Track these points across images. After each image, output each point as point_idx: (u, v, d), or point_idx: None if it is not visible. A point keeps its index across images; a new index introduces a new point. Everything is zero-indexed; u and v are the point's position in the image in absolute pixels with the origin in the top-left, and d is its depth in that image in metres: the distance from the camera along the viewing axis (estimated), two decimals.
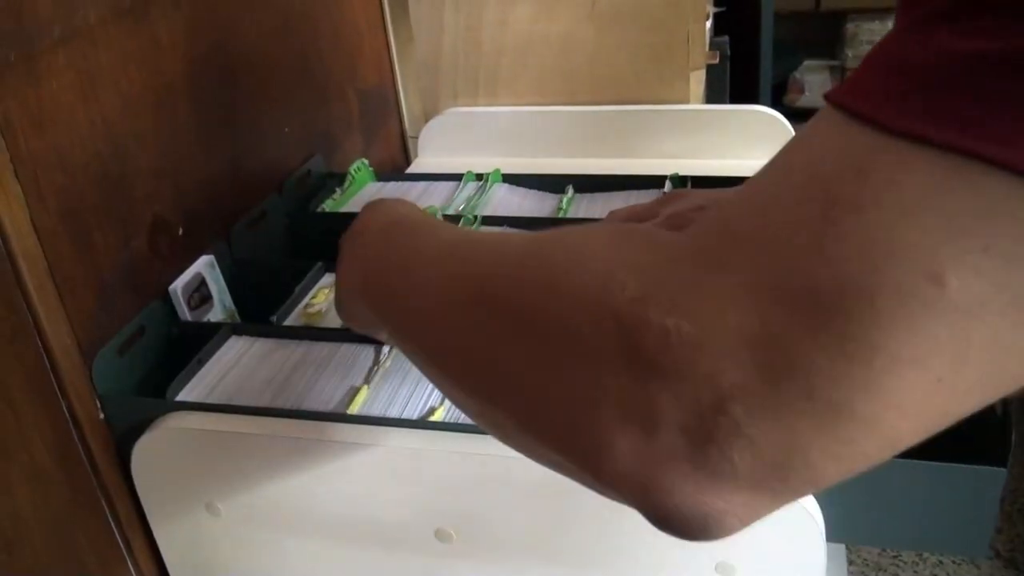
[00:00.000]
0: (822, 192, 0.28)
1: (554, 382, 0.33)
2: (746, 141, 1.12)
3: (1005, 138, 0.25)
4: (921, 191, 0.26)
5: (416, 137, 1.25)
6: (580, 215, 0.98)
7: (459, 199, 1.02)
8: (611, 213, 0.77)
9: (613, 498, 0.33)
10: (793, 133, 1.11)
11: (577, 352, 0.32)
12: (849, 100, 0.29)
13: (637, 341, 0.30)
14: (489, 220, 0.94)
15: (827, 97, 0.30)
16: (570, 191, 1.02)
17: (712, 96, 1.31)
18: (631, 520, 0.51)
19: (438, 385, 0.45)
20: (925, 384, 0.27)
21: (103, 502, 0.72)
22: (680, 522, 0.31)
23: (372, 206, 0.59)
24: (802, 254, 0.28)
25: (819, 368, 0.27)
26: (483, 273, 0.39)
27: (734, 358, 0.28)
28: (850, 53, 3.67)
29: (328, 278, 0.87)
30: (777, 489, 0.30)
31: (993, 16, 0.26)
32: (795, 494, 0.30)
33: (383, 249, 0.52)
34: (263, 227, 0.94)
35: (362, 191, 1.07)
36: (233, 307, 0.87)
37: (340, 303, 0.59)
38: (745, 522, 0.31)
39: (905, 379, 0.27)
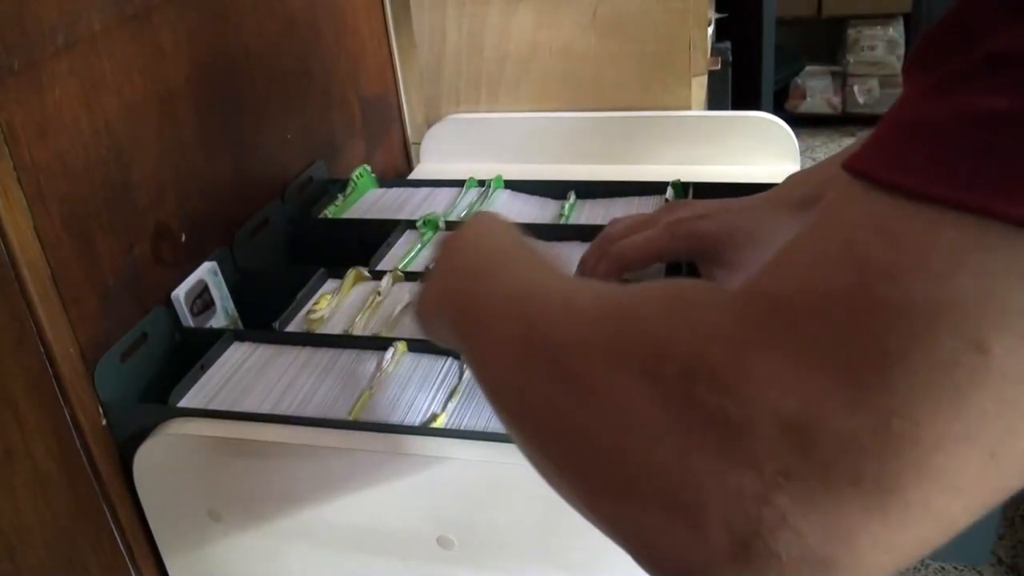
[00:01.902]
0: (856, 262, 0.27)
1: (602, 451, 0.33)
2: (748, 147, 1.12)
3: None
4: (956, 256, 0.25)
5: (418, 143, 1.26)
6: (582, 221, 0.98)
7: (461, 205, 1.02)
8: (613, 220, 0.77)
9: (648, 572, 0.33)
10: (794, 139, 1.11)
11: (625, 426, 0.31)
12: (872, 168, 0.28)
13: (681, 422, 0.29)
14: None
15: (846, 168, 0.29)
16: (572, 197, 1.02)
17: (714, 102, 1.31)
18: None
19: (498, 416, 0.44)
20: (977, 460, 0.26)
21: (105, 508, 0.72)
22: None
23: (480, 221, 0.58)
24: (840, 328, 0.27)
25: (864, 449, 0.26)
26: (548, 323, 0.38)
27: (776, 442, 0.27)
28: (851, 59, 3.68)
29: (330, 284, 0.87)
30: None
31: (1015, 75, 0.25)
32: None
33: (472, 270, 0.51)
34: (265, 233, 0.94)
35: (364, 197, 1.07)
36: (235, 313, 0.87)
37: (422, 306, 0.58)
38: None
39: (956, 456, 0.26)
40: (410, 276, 0.86)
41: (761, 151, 1.11)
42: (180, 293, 0.79)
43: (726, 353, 0.29)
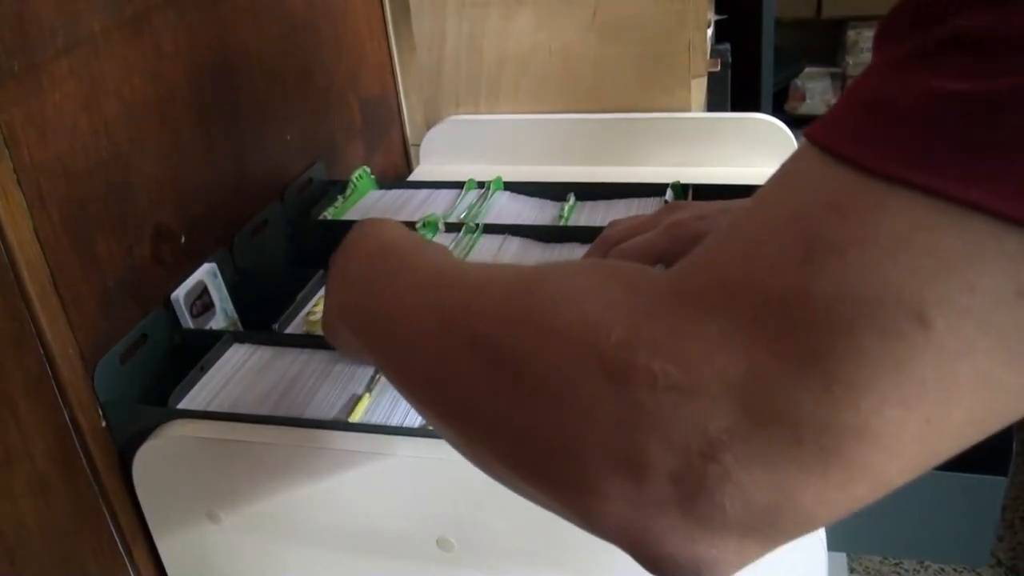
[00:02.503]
0: (803, 233, 0.28)
1: (540, 425, 0.33)
2: (747, 149, 1.12)
3: (987, 182, 0.25)
4: (904, 232, 0.26)
5: (418, 145, 1.26)
6: (582, 223, 0.99)
7: (461, 207, 1.02)
8: (611, 223, 0.77)
9: (602, 539, 0.33)
10: (794, 141, 1.11)
11: (563, 395, 0.32)
12: (829, 140, 0.29)
13: (624, 386, 0.30)
14: (491, 228, 0.95)
15: (807, 135, 0.30)
16: (572, 199, 1.02)
17: (714, 104, 1.31)
18: None
19: (423, 416, 0.45)
20: (914, 426, 0.27)
21: (105, 510, 0.72)
22: (672, 569, 0.31)
23: (361, 228, 0.58)
24: (785, 297, 0.28)
25: (807, 413, 0.27)
26: (467, 307, 0.39)
27: (722, 403, 0.28)
28: (851, 60, 3.68)
29: None
30: (768, 534, 0.30)
31: (974, 57, 0.26)
32: (787, 537, 0.30)
33: (368, 275, 0.51)
34: (265, 235, 0.94)
35: (364, 199, 1.07)
36: (235, 315, 0.87)
37: (327, 326, 0.59)
38: (737, 566, 0.31)
39: (893, 421, 0.27)
40: None
41: (760, 153, 1.11)
42: (180, 294, 0.79)
43: (670, 322, 0.30)
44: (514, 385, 0.34)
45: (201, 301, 0.82)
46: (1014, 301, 0.25)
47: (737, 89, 1.82)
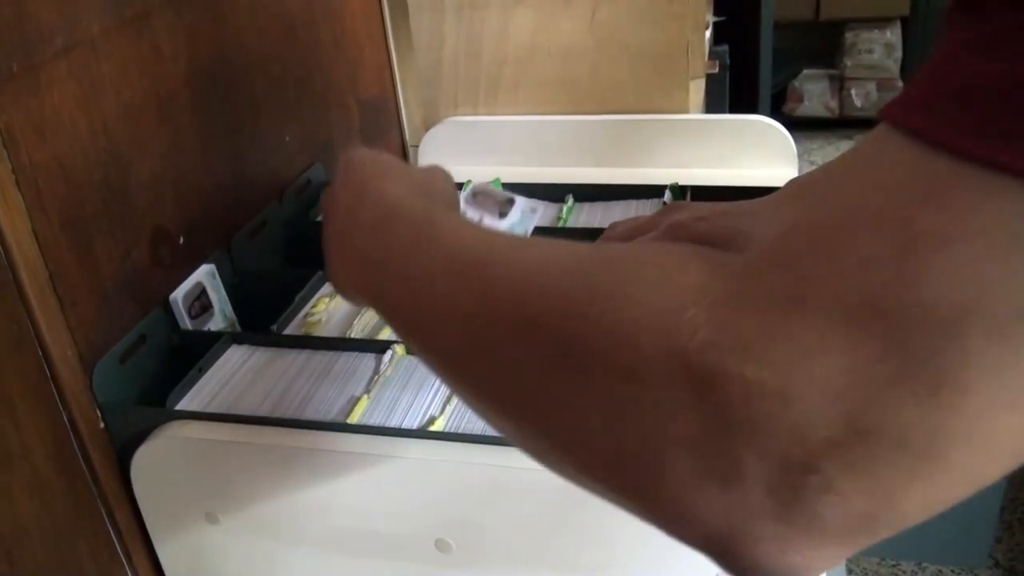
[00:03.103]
0: (897, 227, 0.26)
1: (617, 426, 0.31)
2: (745, 151, 1.12)
3: None
4: (1011, 225, 0.24)
5: (417, 146, 1.26)
6: (580, 224, 0.99)
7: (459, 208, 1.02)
8: (612, 224, 0.77)
9: (685, 544, 0.31)
10: (792, 142, 1.11)
11: (644, 397, 0.30)
12: (919, 123, 0.27)
13: (714, 393, 0.28)
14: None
15: (888, 118, 0.28)
16: (570, 200, 1.02)
17: (712, 105, 1.31)
18: (630, 529, 0.51)
19: (464, 399, 0.41)
20: (1018, 427, 0.26)
21: (103, 511, 0.72)
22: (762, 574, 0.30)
23: (349, 187, 0.51)
24: (881, 296, 0.26)
25: (911, 417, 0.26)
26: (523, 294, 0.35)
27: (822, 411, 0.26)
28: (849, 62, 3.68)
29: (328, 287, 0.87)
30: (863, 539, 0.28)
31: None
32: (880, 539, 0.29)
33: (377, 251, 0.46)
34: (263, 236, 0.94)
35: None
36: (233, 316, 0.87)
37: (338, 289, 0.53)
38: (825, 569, 0.30)
39: (998, 423, 0.26)
40: None
41: (758, 154, 1.11)
42: (178, 295, 0.79)
43: (759, 322, 0.28)
44: (583, 383, 0.31)
45: (200, 302, 0.82)
46: None
47: (735, 91, 1.83)
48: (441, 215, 0.45)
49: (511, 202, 1.03)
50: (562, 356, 0.32)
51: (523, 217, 1.02)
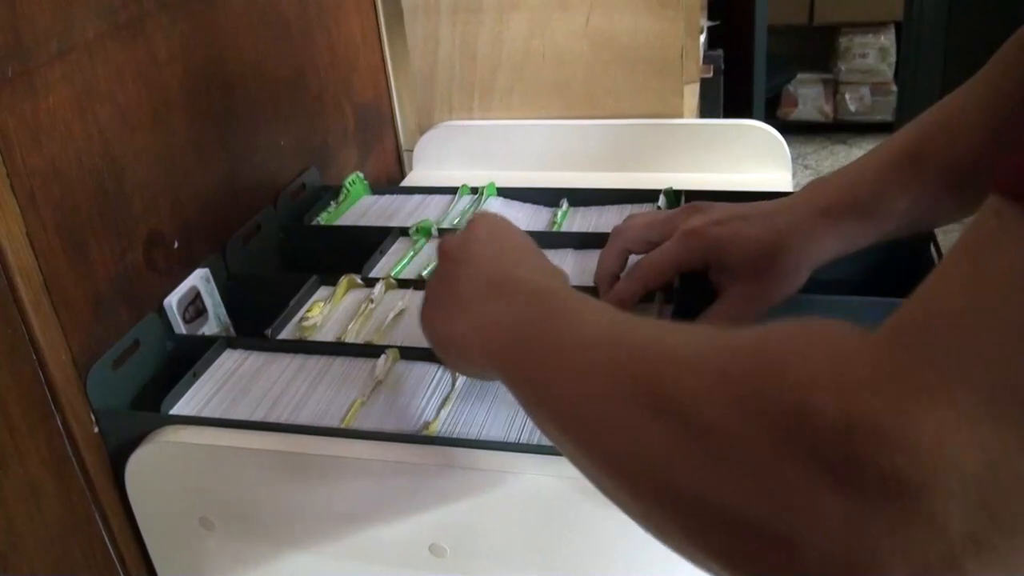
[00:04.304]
0: None
1: (741, 509, 0.30)
2: (740, 155, 1.12)
3: None
4: None
5: (411, 150, 1.26)
6: (575, 229, 0.99)
7: (454, 213, 1.03)
8: (628, 216, 0.76)
9: None
10: (786, 147, 1.11)
11: (773, 485, 0.29)
12: None
13: (845, 482, 0.27)
14: None
15: (1007, 190, 0.27)
16: (565, 204, 1.02)
17: (706, 110, 1.32)
18: (626, 534, 0.51)
19: (555, 441, 0.42)
20: None
21: (97, 516, 0.72)
22: None
23: (484, 227, 0.56)
24: (1022, 372, 0.25)
25: None
26: (655, 373, 0.35)
27: (964, 501, 0.25)
28: (843, 67, 3.69)
29: (322, 291, 0.87)
30: None
31: None
32: None
33: (529, 321, 0.47)
34: (258, 240, 0.94)
35: (357, 204, 1.07)
36: (228, 320, 0.87)
37: (448, 352, 0.56)
38: None
39: None
40: (403, 283, 0.86)
41: (753, 159, 1.11)
42: (172, 300, 0.79)
43: (889, 404, 0.27)
44: (711, 463, 0.31)
45: (194, 307, 0.82)
46: None
47: (730, 95, 1.83)
48: (587, 299, 0.47)
49: None
50: (697, 435, 0.32)
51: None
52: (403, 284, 0.86)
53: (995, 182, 0.27)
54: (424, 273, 0.89)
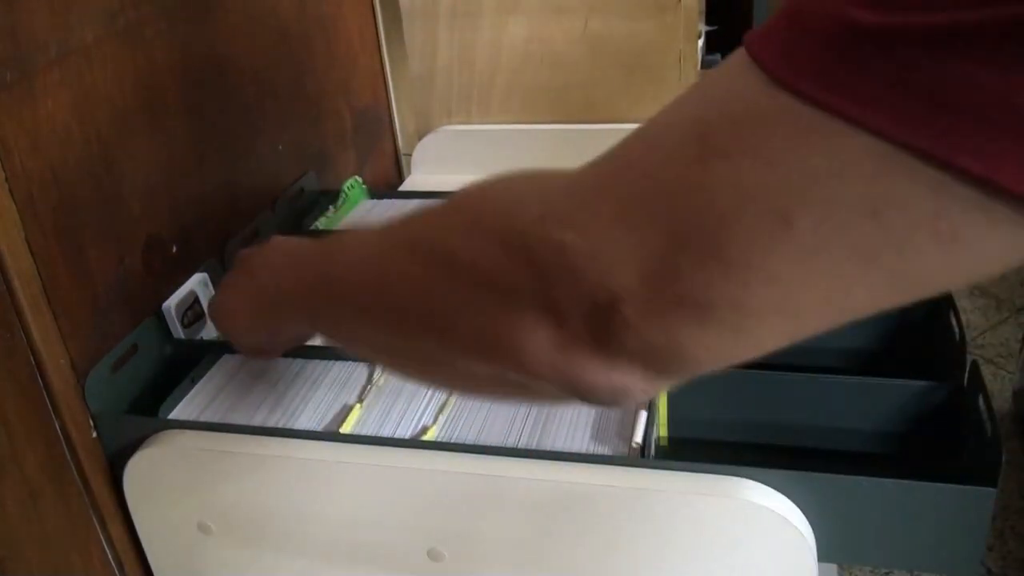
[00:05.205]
0: (699, 136, 0.32)
1: (480, 300, 0.38)
2: None
3: (865, 101, 0.27)
4: (787, 144, 0.29)
5: (410, 154, 1.26)
6: None
7: None
8: None
9: (545, 387, 0.38)
10: None
11: (497, 273, 0.37)
12: (750, 44, 0.32)
13: (540, 254, 0.35)
14: None
15: (747, 45, 0.32)
16: None
17: None
18: (623, 538, 0.51)
19: (365, 341, 0.50)
20: (777, 299, 0.32)
21: (95, 521, 0.72)
22: (596, 395, 0.37)
23: (268, 246, 0.65)
24: (677, 188, 0.32)
25: (689, 279, 0.32)
26: (413, 231, 0.45)
27: (621, 267, 0.33)
28: None
29: None
30: (666, 371, 0.36)
31: None
32: (681, 375, 0.36)
33: (301, 258, 0.58)
34: (256, 244, 0.94)
35: (355, 209, 1.07)
36: None
37: (231, 319, 0.66)
38: (649, 393, 0.37)
39: (759, 294, 0.31)
40: None
41: None
42: (171, 304, 0.79)
43: (578, 201, 0.35)
44: (455, 277, 0.40)
45: (192, 311, 0.82)
46: (868, 218, 0.28)
47: None
48: (338, 234, 0.59)
49: None
50: (440, 259, 0.41)
51: None
52: None
53: (745, 37, 0.33)
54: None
